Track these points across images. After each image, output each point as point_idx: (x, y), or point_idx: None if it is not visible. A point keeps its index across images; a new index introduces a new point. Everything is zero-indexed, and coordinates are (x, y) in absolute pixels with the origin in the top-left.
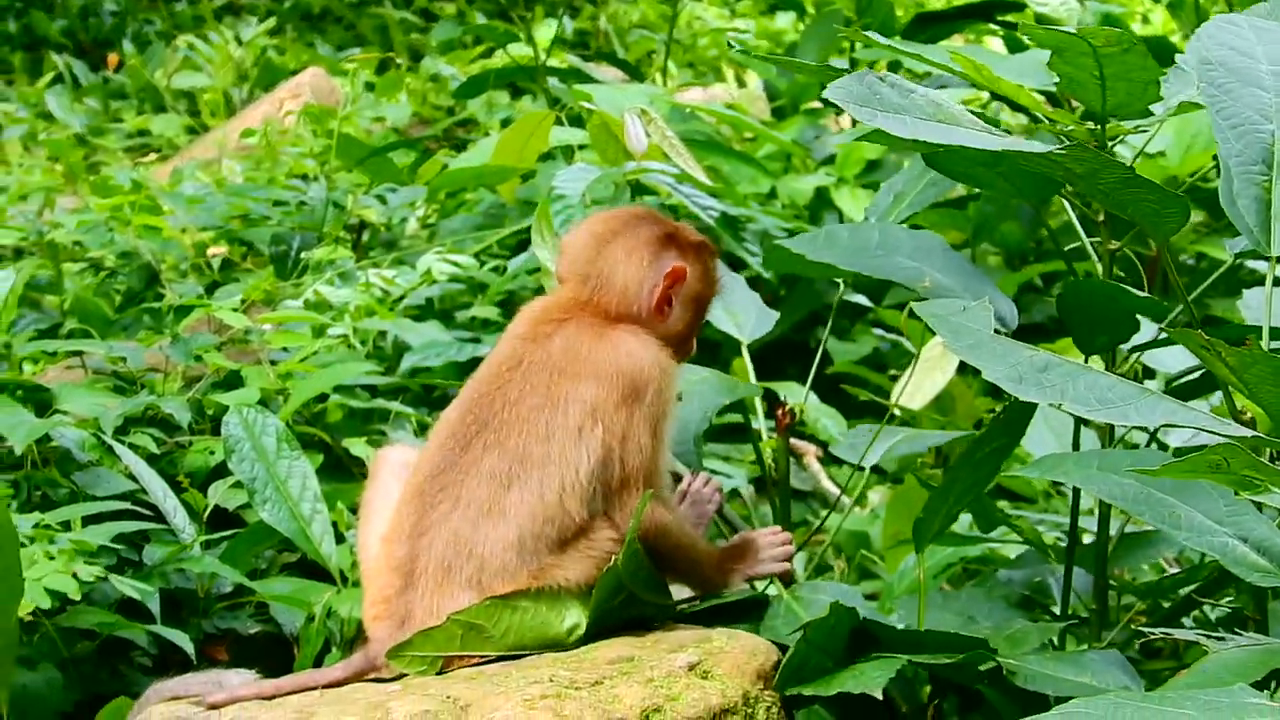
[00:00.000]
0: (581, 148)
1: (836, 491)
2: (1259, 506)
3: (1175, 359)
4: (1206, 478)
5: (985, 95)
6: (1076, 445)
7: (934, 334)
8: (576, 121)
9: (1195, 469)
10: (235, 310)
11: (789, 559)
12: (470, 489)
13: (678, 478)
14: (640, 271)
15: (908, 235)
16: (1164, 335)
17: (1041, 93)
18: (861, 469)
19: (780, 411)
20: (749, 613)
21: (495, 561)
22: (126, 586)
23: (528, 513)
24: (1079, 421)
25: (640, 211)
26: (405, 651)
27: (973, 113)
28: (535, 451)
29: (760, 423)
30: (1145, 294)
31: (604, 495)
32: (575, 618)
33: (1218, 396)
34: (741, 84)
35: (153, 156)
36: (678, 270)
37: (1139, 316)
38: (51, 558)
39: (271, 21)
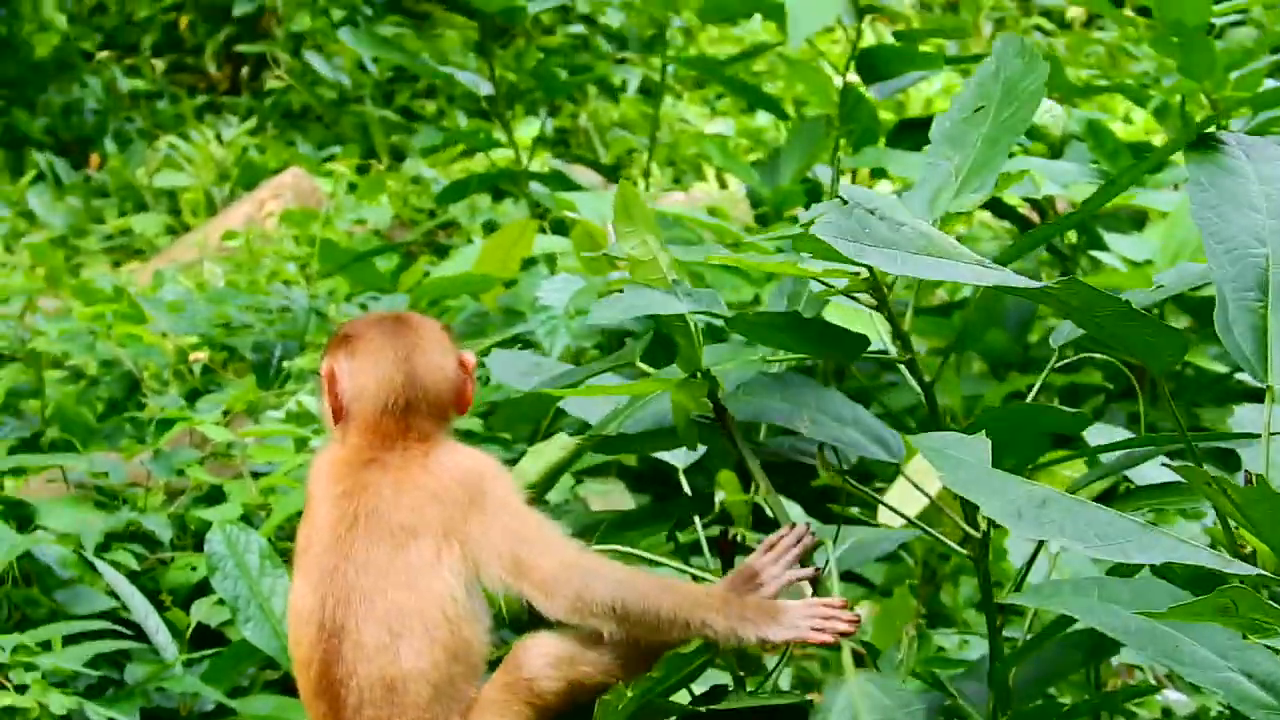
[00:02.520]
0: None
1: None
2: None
3: (1155, 471)
4: (1214, 621)
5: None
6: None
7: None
8: (559, 227)
9: (1203, 612)
10: (217, 424)
11: (844, 628)
12: (365, 673)
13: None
14: (449, 371)
15: (773, 379)
16: (1151, 455)
17: (1027, 200)
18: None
19: (722, 542)
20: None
21: None
22: (104, 712)
23: (430, 665)
24: None
25: (405, 321)
26: None
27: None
28: (406, 603)
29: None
30: (1069, 409)
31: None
32: None
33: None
34: (723, 185)
35: (134, 264)
36: (465, 358)
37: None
38: (23, 688)
39: (252, 121)
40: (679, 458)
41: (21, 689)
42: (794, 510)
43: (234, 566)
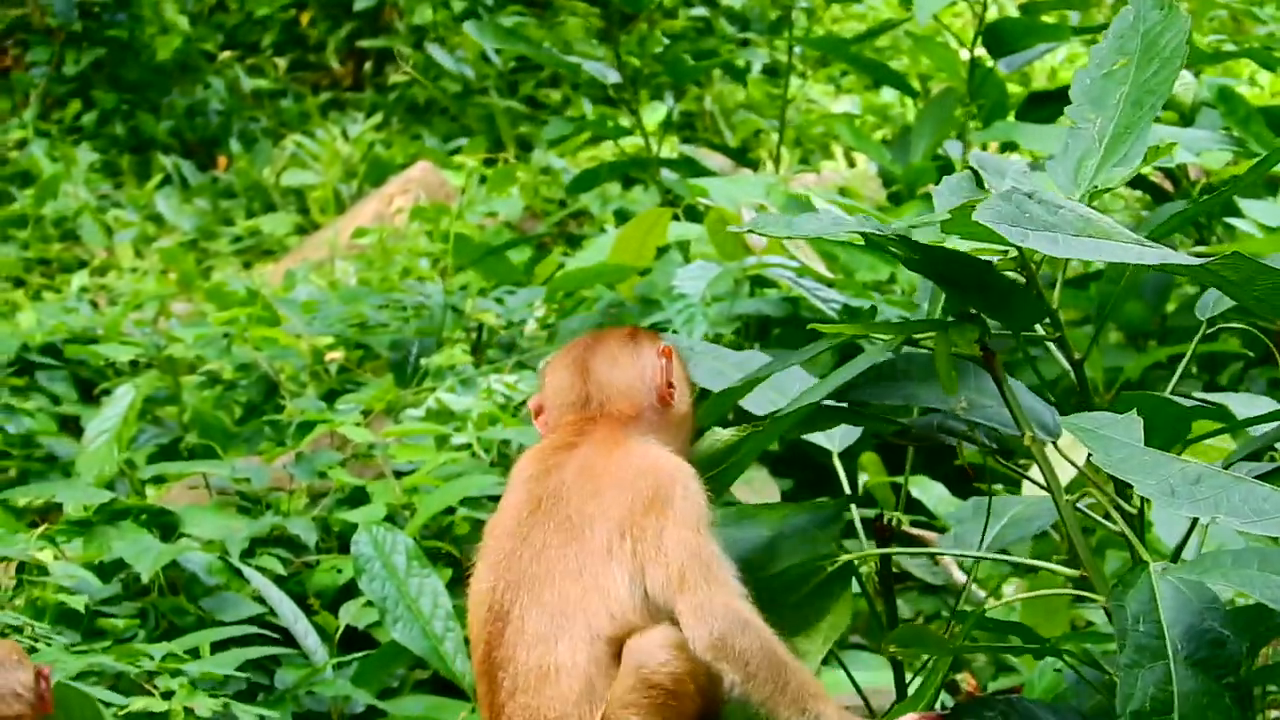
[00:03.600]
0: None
1: (968, 582)
2: None
3: None
4: None
5: None
6: None
7: None
8: (692, 214)
9: None
10: (357, 424)
11: None
12: (523, 659)
13: None
14: (636, 366)
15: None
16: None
17: (1159, 168)
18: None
19: (878, 525)
20: None
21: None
22: (251, 716)
23: (585, 659)
24: None
25: (595, 331)
26: None
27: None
28: (571, 593)
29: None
30: (1210, 403)
31: (659, 609)
32: None
33: None
34: (852, 163)
35: (265, 264)
36: (666, 350)
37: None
38: (169, 694)
39: (378, 117)
40: (834, 441)
41: (168, 695)
42: (937, 490)
43: (381, 567)
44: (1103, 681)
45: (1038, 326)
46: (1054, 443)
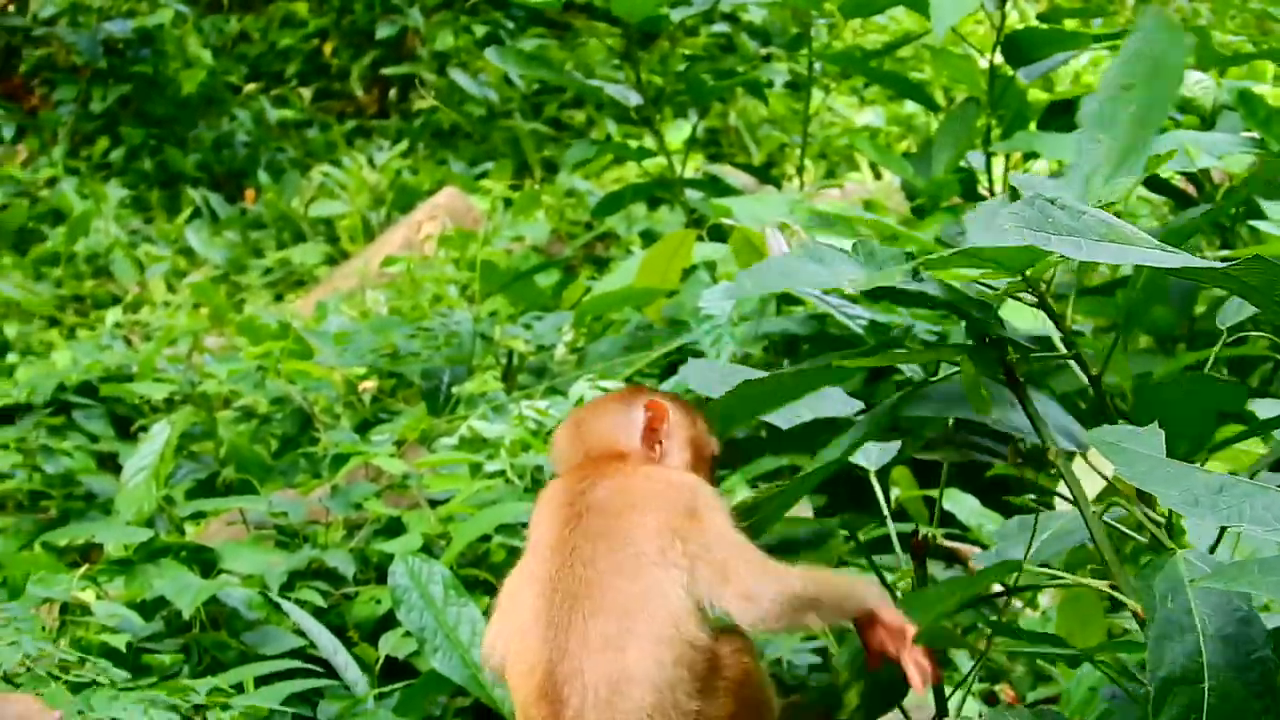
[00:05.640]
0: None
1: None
2: None
3: None
4: None
5: None
6: None
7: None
8: (716, 233)
9: None
10: (391, 455)
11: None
12: (592, 670)
13: None
14: (622, 416)
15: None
16: None
17: (1182, 173)
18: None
19: (914, 541)
20: None
21: None
22: None
23: (654, 664)
24: None
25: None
26: None
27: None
28: (633, 594)
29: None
30: (1227, 380)
31: (712, 604)
32: None
33: None
34: (878, 176)
35: (296, 295)
36: (653, 405)
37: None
38: None
39: (404, 144)
40: (870, 458)
41: None
42: (969, 503)
43: (418, 598)
44: (1141, 694)
45: (1056, 341)
46: (1083, 455)
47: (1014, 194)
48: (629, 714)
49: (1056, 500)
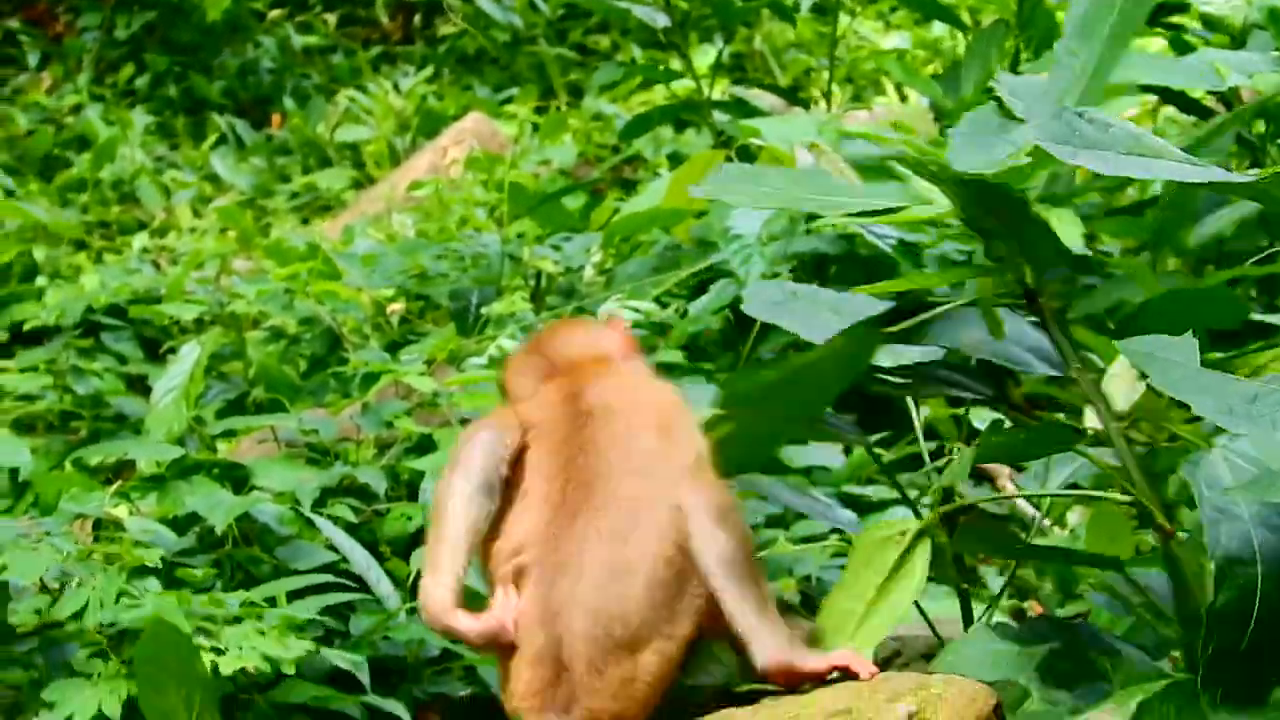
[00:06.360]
0: None
1: (1033, 513)
2: None
3: None
4: None
5: (1152, 99)
6: None
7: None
8: (744, 154)
9: None
10: (421, 374)
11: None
12: (592, 554)
13: None
14: (595, 329)
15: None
16: None
17: (1212, 93)
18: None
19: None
20: None
21: (636, 619)
22: (337, 658)
23: (652, 560)
24: None
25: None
26: None
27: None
28: (642, 493)
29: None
30: (1225, 295)
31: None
32: None
33: None
34: (904, 99)
35: (323, 220)
36: (614, 322)
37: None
38: (263, 633)
39: (429, 69)
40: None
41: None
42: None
43: None
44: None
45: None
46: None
47: (997, 103)
48: (625, 601)
49: (1087, 415)
